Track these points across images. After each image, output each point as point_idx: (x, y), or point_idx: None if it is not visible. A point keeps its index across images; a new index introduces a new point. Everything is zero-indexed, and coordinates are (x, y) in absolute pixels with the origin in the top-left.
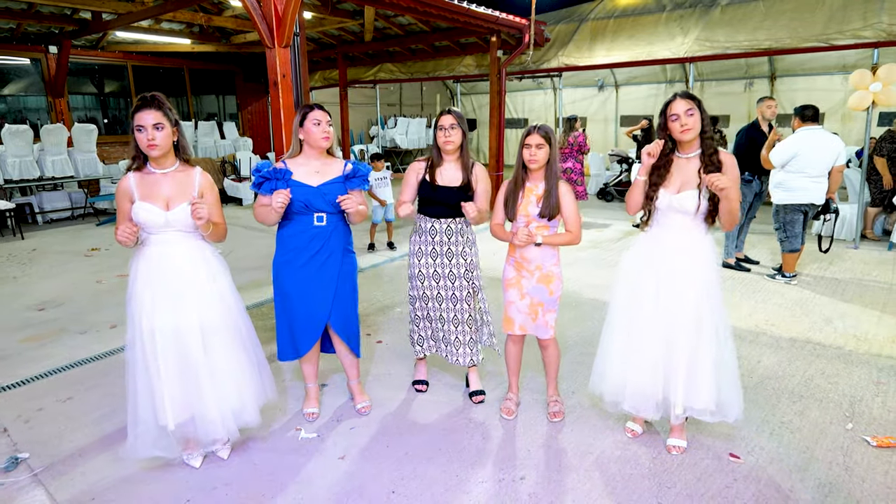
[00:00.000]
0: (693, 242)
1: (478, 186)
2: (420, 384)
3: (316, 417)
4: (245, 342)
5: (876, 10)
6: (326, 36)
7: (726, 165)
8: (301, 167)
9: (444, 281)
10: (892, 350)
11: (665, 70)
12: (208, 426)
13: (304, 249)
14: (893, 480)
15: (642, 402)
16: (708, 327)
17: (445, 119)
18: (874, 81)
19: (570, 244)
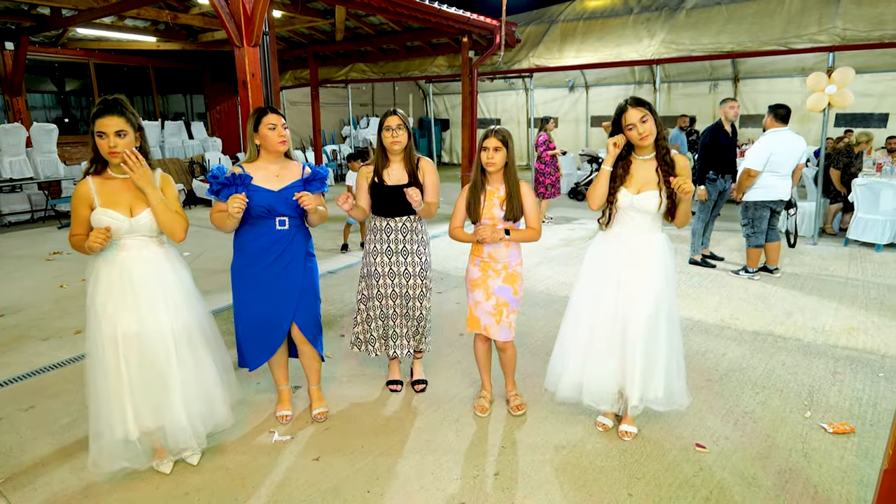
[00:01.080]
0: (651, 240)
1: (425, 179)
2: (394, 384)
3: (289, 420)
4: (211, 344)
5: (831, 15)
6: (297, 35)
7: (679, 166)
8: (260, 171)
9: (399, 279)
10: (848, 341)
11: (633, 71)
12: (178, 434)
13: (266, 254)
14: (848, 465)
15: (599, 394)
16: (664, 320)
17: (392, 120)
18: (830, 84)
19: (531, 240)
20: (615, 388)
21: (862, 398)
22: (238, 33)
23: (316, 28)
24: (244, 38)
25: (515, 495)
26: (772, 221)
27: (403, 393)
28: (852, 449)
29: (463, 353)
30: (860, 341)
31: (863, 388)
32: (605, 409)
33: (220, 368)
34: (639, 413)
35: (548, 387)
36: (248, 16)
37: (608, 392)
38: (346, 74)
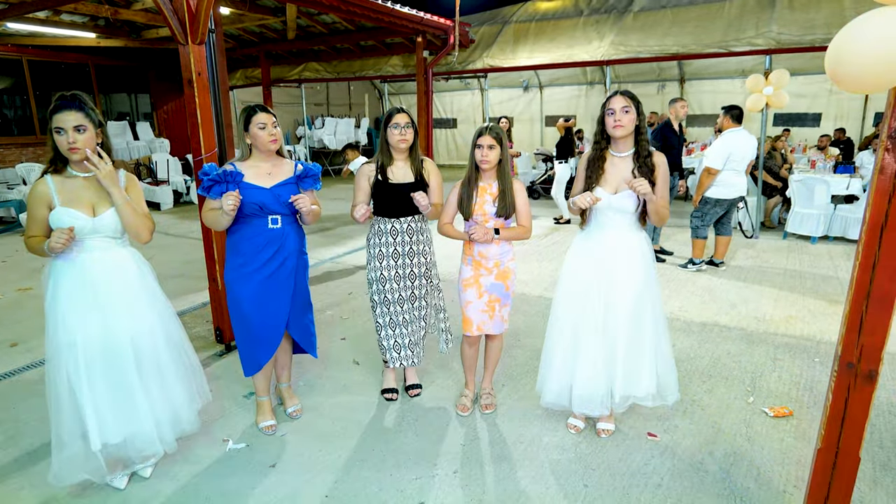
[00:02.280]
0: (631, 240)
1: (431, 181)
2: (390, 392)
3: (274, 430)
4: (179, 348)
5: (767, 19)
6: (247, 33)
7: (657, 165)
8: (251, 169)
9: (406, 281)
10: (787, 329)
11: (585, 72)
12: (143, 442)
13: (260, 253)
14: (788, 446)
15: (590, 401)
16: (647, 319)
17: (401, 117)
18: (767, 85)
19: (522, 238)
20: (605, 390)
21: (800, 382)
22: (182, 30)
23: (267, 26)
24: (189, 35)
25: (473, 491)
26: (725, 217)
27: (363, 397)
28: (791, 431)
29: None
30: (798, 329)
31: (800, 372)
32: (598, 413)
33: (188, 372)
34: (623, 411)
35: (537, 389)
36: (193, 12)
37: (599, 395)
38: (299, 74)
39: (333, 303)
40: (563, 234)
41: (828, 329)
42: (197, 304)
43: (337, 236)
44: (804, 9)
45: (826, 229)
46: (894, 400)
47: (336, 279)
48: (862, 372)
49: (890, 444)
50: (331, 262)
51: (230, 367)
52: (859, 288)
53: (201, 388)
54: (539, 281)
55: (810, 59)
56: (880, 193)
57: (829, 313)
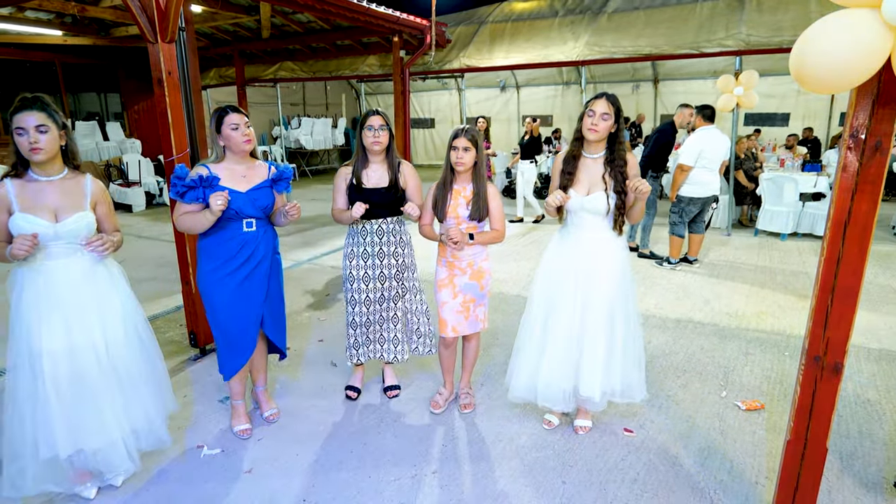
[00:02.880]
0: (606, 240)
1: (409, 184)
2: (352, 390)
3: (249, 434)
4: (149, 355)
5: (737, 21)
6: (220, 32)
7: (630, 166)
8: (226, 171)
9: (374, 283)
10: (758, 324)
11: (561, 73)
12: (111, 455)
13: (235, 257)
14: (759, 439)
15: (555, 396)
16: (620, 318)
17: (374, 119)
18: (737, 86)
19: (496, 241)
20: (570, 385)
21: (770, 376)
22: (151, 28)
23: (241, 25)
24: (158, 33)
25: (452, 491)
26: (700, 215)
27: (340, 398)
28: (762, 424)
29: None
30: (769, 324)
31: (771, 366)
32: (560, 409)
33: (158, 380)
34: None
35: (506, 383)
36: (163, 10)
37: (563, 391)
38: (274, 73)
39: (311, 305)
40: (541, 234)
41: (797, 323)
42: (171, 307)
43: (315, 237)
44: (772, 11)
45: (795, 226)
46: (860, 391)
47: (314, 281)
48: (828, 365)
49: (856, 433)
50: (309, 263)
51: (205, 371)
52: (824, 283)
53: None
54: (517, 280)
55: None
56: (843, 191)
57: (798, 308)
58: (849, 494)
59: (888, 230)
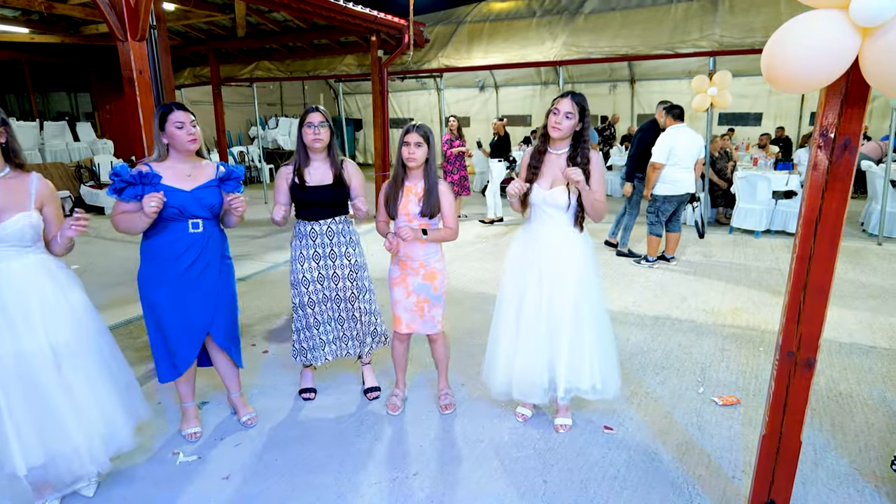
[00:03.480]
0: (568, 234)
1: (352, 182)
2: (307, 392)
3: (198, 437)
4: (108, 362)
5: (710, 23)
6: (194, 30)
7: (592, 162)
8: (170, 171)
9: (329, 283)
10: (734, 320)
11: (539, 73)
12: (72, 463)
13: (180, 259)
14: (736, 433)
15: (529, 388)
16: (587, 313)
17: (314, 116)
18: (711, 86)
19: (449, 239)
20: (544, 381)
21: (746, 371)
22: (121, 26)
23: (215, 23)
24: (128, 31)
25: (434, 493)
26: (676, 214)
27: (319, 401)
28: (739, 419)
29: (385, 354)
30: (744, 319)
31: (746, 361)
32: (536, 402)
33: (121, 386)
34: (568, 403)
35: (484, 381)
36: (132, 7)
37: (537, 385)
38: (250, 73)
39: (286, 308)
40: None
41: (771, 319)
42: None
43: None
44: (744, 13)
45: (768, 223)
46: (832, 384)
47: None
48: (801, 360)
49: (829, 427)
50: (286, 265)
51: None
52: (797, 280)
53: (138, 405)
54: (498, 280)
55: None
56: (814, 189)
57: (772, 304)
58: (822, 487)
59: (857, 226)
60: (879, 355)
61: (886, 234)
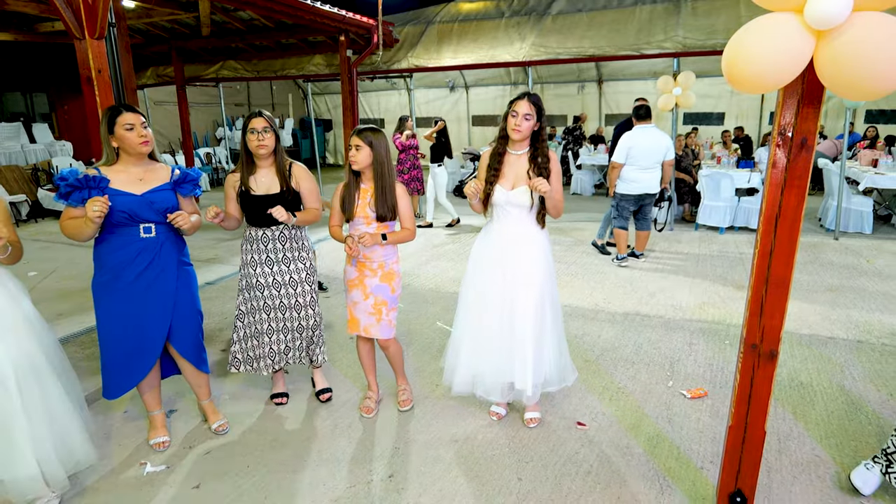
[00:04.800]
0: (530, 233)
1: (301, 187)
2: (279, 397)
3: (166, 447)
4: (60, 371)
5: (674, 24)
6: (155, 28)
7: (552, 161)
8: (120, 174)
9: (286, 289)
10: (701, 315)
11: (509, 73)
12: (27, 484)
13: (131, 265)
14: (704, 425)
15: (492, 386)
16: (547, 309)
17: (257, 122)
18: (676, 86)
19: (407, 240)
20: (506, 378)
21: (713, 364)
22: (77, 24)
23: (178, 21)
24: (85, 29)
25: (410, 494)
26: (642, 212)
27: (291, 405)
28: (706, 410)
29: (354, 357)
30: (710, 314)
31: (713, 355)
32: (496, 399)
33: (74, 399)
34: (537, 399)
35: (445, 382)
36: (90, 4)
37: (499, 382)
38: (216, 72)
39: None
40: None
41: (736, 313)
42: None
43: None
44: (706, 15)
45: (732, 220)
46: (793, 375)
47: None
48: (764, 352)
49: (791, 415)
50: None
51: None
52: (759, 274)
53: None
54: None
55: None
56: (774, 186)
57: (737, 298)
58: (786, 474)
59: (815, 222)
60: (837, 345)
61: (842, 228)
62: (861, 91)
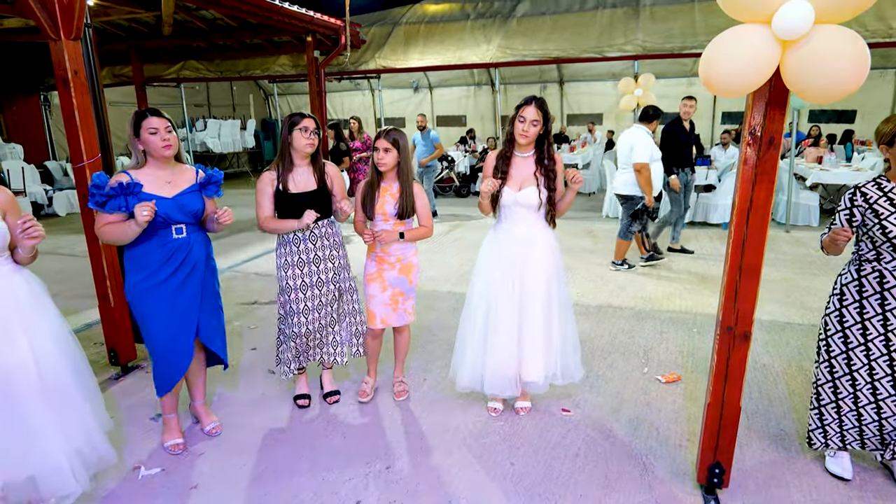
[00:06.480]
0: (538, 233)
1: (334, 187)
2: (302, 398)
3: (181, 449)
4: (80, 370)
5: (633, 28)
6: (112, 27)
7: (558, 163)
8: (149, 178)
9: (313, 290)
10: (669, 306)
11: (473, 74)
12: (54, 479)
13: (166, 265)
14: (679, 406)
15: (501, 383)
16: (556, 305)
17: (309, 122)
18: (637, 88)
19: (424, 237)
20: (513, 375)
21: (683, 350)
22: (53, 24)
23: (137, 20)
24: (62, 29)
25: (408, 484)
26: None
27: (283, 403)
28: (680, 393)
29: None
30: (677, 304)
31: (683, 342)
32: (508, 395)
33: (92, 396)
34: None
35: (451, 377)
36: (65, 5)
37: (508, 379)
38: (177, 72)
39: (240, 313)
40: (464, 231)
41: (701, 302)
42: (81, 325)
43: (232, 245)
44: (664, 20)
45: (692, 216)
46: (756, 357)
47: (238, 289)
48: (739, 333)
49: (758, 394)
50: (229, 271)
51: (130, 390)
52: (733, 262)
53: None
54: (447, 277)
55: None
56: (745, 182)
57: (700, 289)
58: (756, 448)
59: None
60: (794, 330)
61: (792, 222)
62: (821, 95)
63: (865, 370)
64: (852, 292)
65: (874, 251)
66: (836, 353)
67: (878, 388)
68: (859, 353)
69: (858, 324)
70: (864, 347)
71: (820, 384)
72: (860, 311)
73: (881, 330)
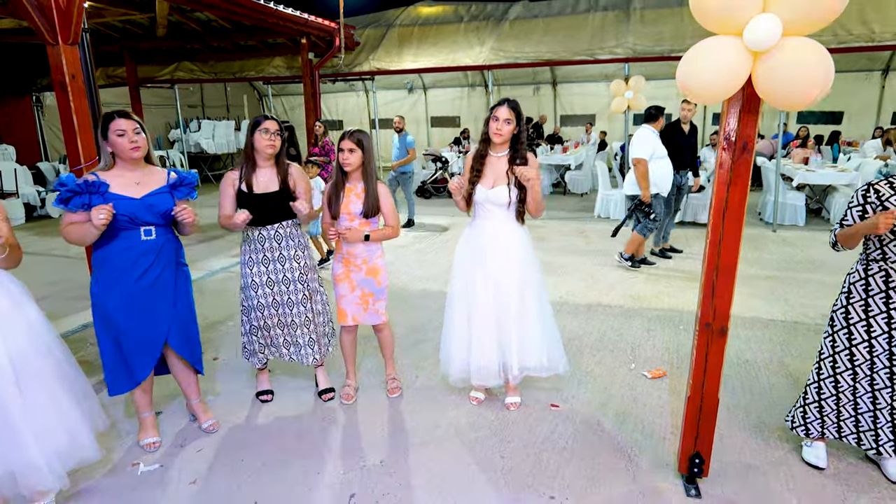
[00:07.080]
0: (509, 230)
1: (297, 187)
2: (265, 394)
3: (157, 447)
4: (65, 371)
5: (624, 31)
6: (106, 28)
7: (531, 162)
8: (117, 178)
9: (279, 287)
10: (657, 304)
11: (466, 75)
12: (32, 476)
13: (133, 267)
14: (664, 401)
15: (486, 373)
16: (531, 300)
17: (271, 124)
18: (628, 90)
19: (391, 238)
20: (497, 365)
21: (669, 347)
22: (50, 29)
23: (131, 22)
24: (59, 34)
25: (401, 477)
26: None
27: (278, 403)
28: (665, 389)
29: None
30: (665, 303)
31: (669, 339)
32: (492, 385)
33: (79, 396)
34: (519, 383)
35: (443, 371)
36: (63, 9)
37: (492, 370)
38: (171, 73)
39: (234, 313)
40: (458, 231)
41: (687, 300)
42: (75, 327)
43: (222, 246)
44: (654, 24)
45: (682, 216)
46: (739, 353)
47: (233, 289)
48: (716, 329)
49: (739, 388)
50: (223, 272)
51: None
52: (710, 261)
53: (96, 415)
54: (438, 277)
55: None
56: (721, 184)
57: (687, 287)
58: (736, 439)
59: (755, 216)
60: (777, 326)
61: (779, 221)
62: (790, 102)
63: (867, 365)
64: (859, 290)
65: (880, 250)
66: (840, 348)
67: (876, 380)
68: (862, 349)
69: (863, 321)
70: (868, 344)
71: (822, 378)
72: (865, 309)
73: (885, 328)
